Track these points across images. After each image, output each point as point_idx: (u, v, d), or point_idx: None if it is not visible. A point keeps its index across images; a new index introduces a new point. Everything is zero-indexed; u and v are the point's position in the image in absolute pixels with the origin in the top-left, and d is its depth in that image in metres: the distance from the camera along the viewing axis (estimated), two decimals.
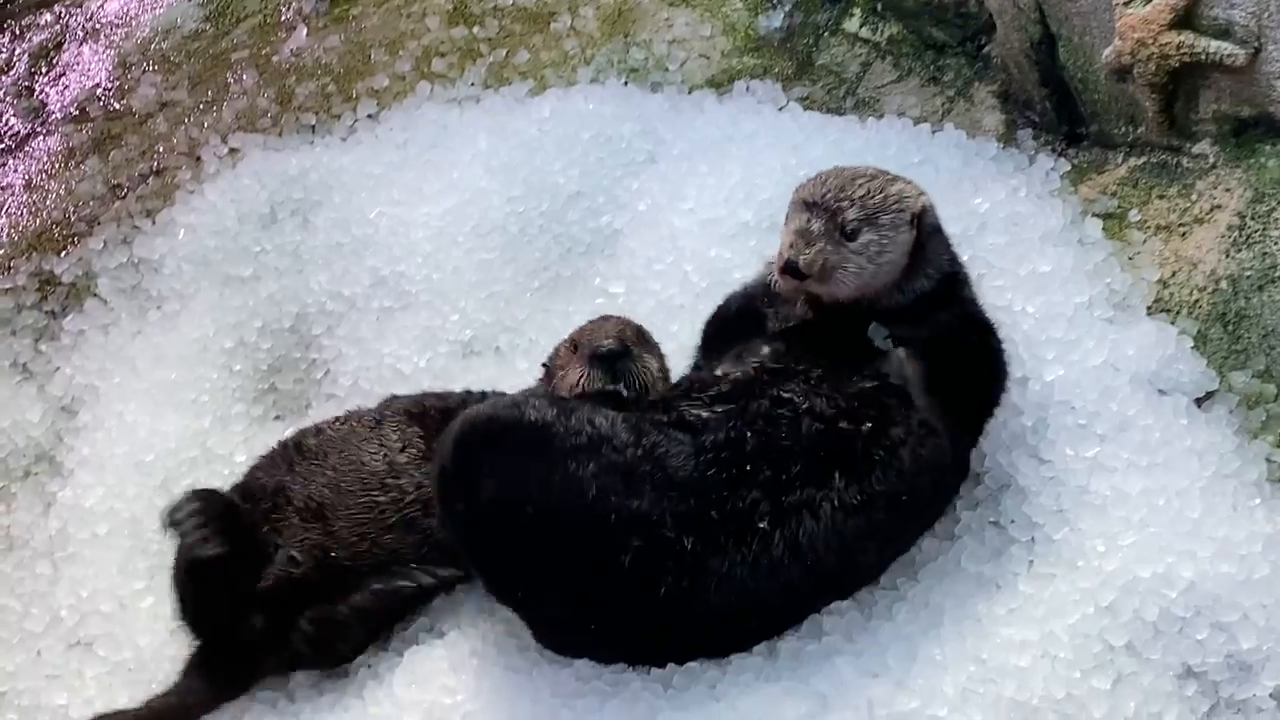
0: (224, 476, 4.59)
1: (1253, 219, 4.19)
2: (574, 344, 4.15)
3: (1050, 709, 3.36)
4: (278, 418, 4.89)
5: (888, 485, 3.56)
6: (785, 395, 3.61)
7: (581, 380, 4.02)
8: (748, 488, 3.48)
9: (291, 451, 4.22)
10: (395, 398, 4.39)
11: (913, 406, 3.66)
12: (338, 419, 4.31)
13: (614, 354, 4.03)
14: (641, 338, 4.17)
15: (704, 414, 3.61)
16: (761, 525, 3.46)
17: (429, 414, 4.22)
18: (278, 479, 4.15)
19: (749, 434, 3.53)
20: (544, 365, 4.28)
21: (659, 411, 3.68)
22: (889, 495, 3.56)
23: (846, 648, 3.50)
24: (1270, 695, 3.40)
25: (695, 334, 4.32)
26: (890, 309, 3.77)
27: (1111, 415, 3.89)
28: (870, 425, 3.58)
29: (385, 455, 4.12)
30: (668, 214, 4.82)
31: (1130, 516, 3.66)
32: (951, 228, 4.37)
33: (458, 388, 4.38)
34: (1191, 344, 4.08)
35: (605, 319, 4.23)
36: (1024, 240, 4.40)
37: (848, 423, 3.57)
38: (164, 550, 4.45)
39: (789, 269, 3.67)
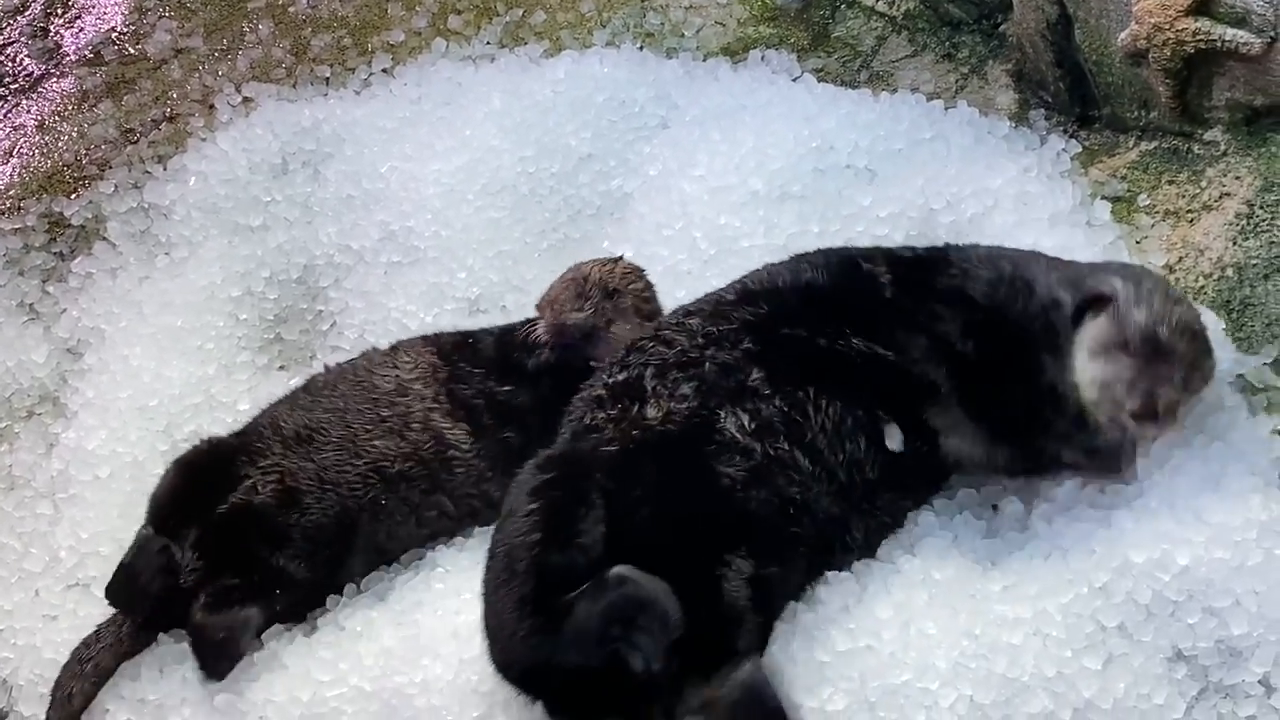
0: (226, 424, 4.62)
1: (1261, 208, 4.20)
2: (550, 305, 4.22)
3: (1041, 686, 3.38)
4: (282, 368, 4.91)
5: None
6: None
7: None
8: None
9: (299, 390, 4.33)
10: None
11: None
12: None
13: (579, 334, 4.15)
14: (615, 294, 4.22)
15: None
16: None
17: (441, 340, 4.34)
18: (272, 413, 4.27)
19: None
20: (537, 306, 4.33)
21: None
22: None
23: (842, 619, 3.51)
24: (1259, 681, 3.41)
25: None
26: None
27: None
28: None
29: (396, 376, 4.23)
30: (678, 180, 4.83)
31: (1126, 500, 3.67)
32: (961, 206, 4.41)
33: None
34: None
35: (581, 276, 4.25)
36: (1033, 220, 4.41)
37: None
38: None
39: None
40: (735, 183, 4.72)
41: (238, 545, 4.05)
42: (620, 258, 4.30)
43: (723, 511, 3.52)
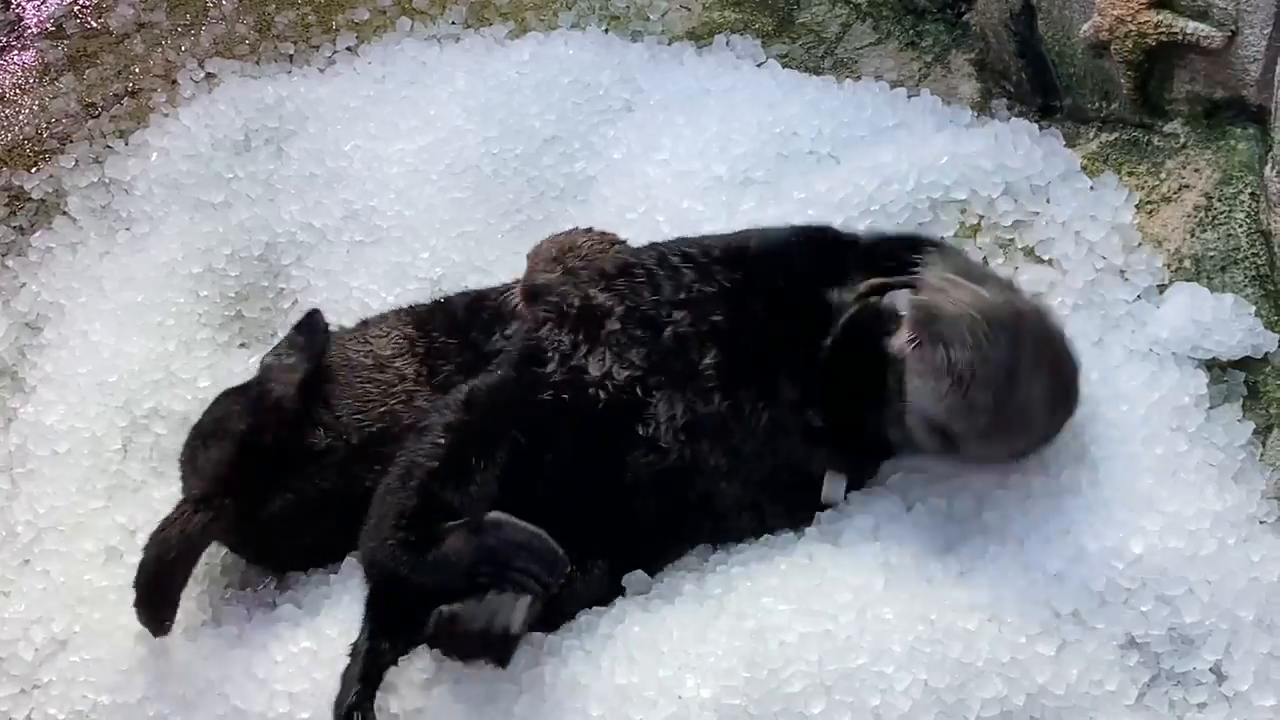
0: (186, 401, 4.61)
1: (1220, 200, 4.23)
2: (532, 263, 4.23)
3: (995, 672, 3.41)
4: (243, 345, 4.90)
5: None
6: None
7: None
8: None
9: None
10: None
11: None
12: None
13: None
14: None
15: None
16: None
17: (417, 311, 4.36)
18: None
19: None
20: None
21: None
22: None
23: (800, 603, 3.54)
24: (1210, 669, 3.45)
25: None
26: None
27: None
28: None
29: (371, 351, 4.23)
30: (642, 163, 4.84)
31: (1082, 487, 3.70)
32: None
33: None
34: None
35: (568, 241, 4.26)
36: None
37: None
38: (123, 471, 4.50)
39: None
40: (699, 167, 4.73)
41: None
42: (617, 238, 4.36)
43: (610, 513, 3.70)
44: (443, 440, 3.73)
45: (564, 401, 3.72)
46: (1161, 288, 4.13)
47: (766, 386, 3.72)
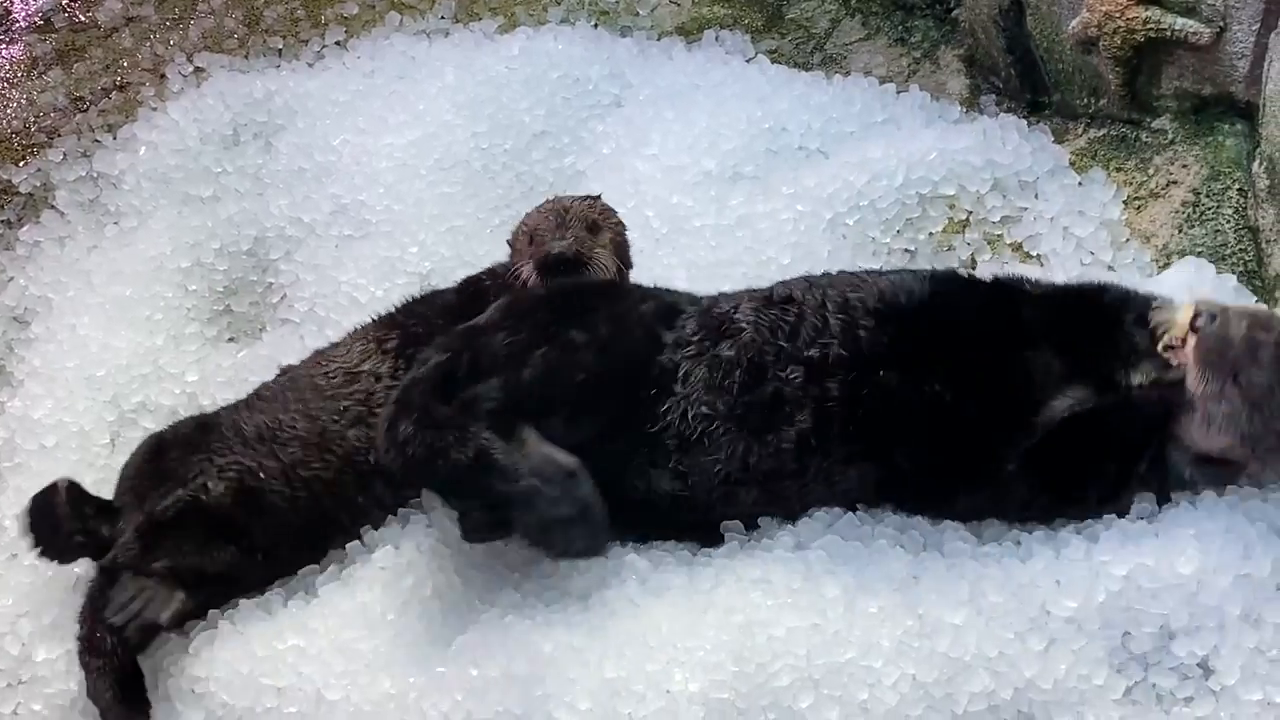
0: (174, 395, 4.61)
1: (1207, 196, 4.24)
2: (530, 235, 4.06)
3: (982, 666, 3.40)
4: (231, 339, 4.90)
5: None
6: None
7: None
8: None
9: (251, 396, 4.22)
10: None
11: None
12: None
13: (565, 263, 3.94)
14: (597, 228, 4.08)
15: None
16: None
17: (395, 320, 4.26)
18: (232, 416, 4.14)
19: None
20: (509, 242, 4.24)
21: None
22: None
23: (789, 597, 3.54)
24: (1198, 664, 3.45)
25: (652, 278, 4.34)
26: None
27: None
28: None
29: (340, 369, 4.16)
30: (631, 158, 4.85)
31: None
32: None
33: None
34: None
35: (563, 207, 4.10)
36: None
37: None
38: (110, 465, 4.47)
39: None
40: (688, 162, 4.74)
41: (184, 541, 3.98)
42: (598, 196, 4.22)
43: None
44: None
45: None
46: None
47: (861, 456, 3.65)
